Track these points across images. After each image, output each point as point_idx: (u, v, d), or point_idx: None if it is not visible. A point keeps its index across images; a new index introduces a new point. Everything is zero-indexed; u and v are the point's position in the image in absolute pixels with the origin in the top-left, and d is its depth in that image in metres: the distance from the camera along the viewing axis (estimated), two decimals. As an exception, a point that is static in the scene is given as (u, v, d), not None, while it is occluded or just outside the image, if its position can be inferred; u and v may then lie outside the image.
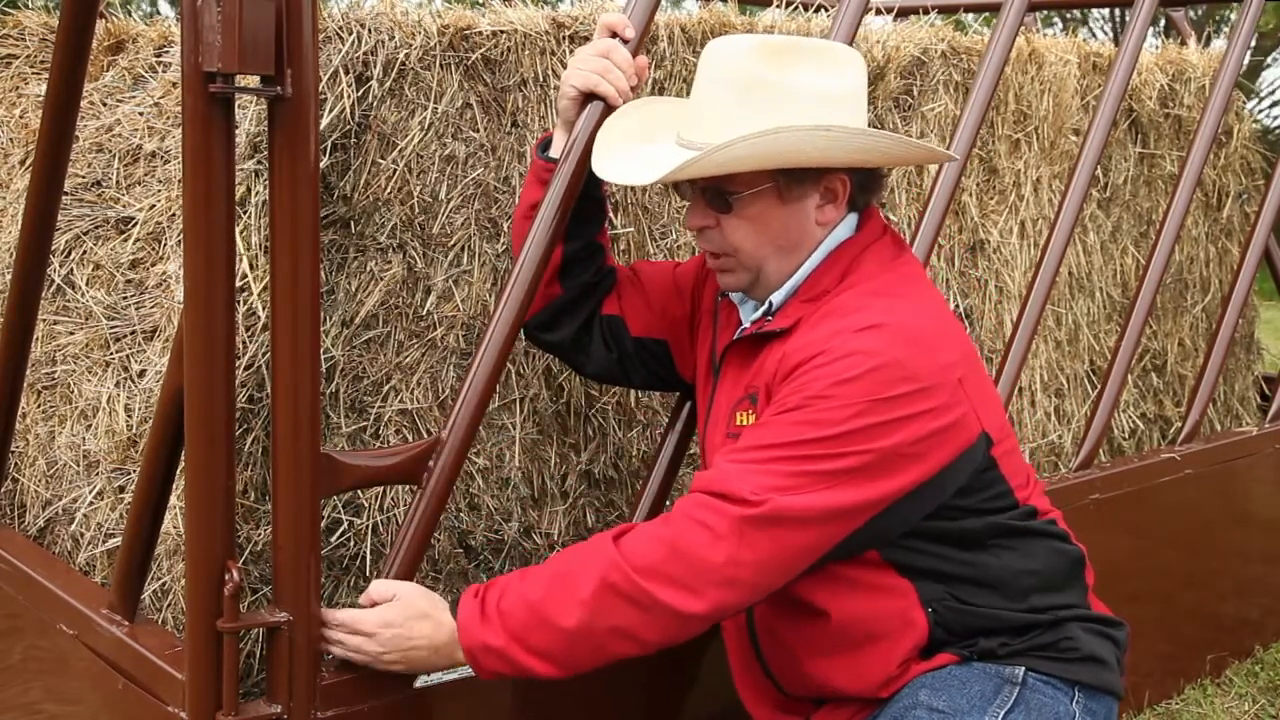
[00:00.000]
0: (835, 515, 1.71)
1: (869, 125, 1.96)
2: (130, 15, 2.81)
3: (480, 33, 2.27)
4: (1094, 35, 14.02)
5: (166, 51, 2.49)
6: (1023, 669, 1.83)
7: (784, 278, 1.90)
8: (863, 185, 1.91)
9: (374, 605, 1.80)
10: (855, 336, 1.75)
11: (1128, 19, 3.08)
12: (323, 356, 2.11)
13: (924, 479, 1.76)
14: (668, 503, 2.43)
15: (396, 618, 1.78)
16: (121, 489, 2.31)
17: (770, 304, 1.91)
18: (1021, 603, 1.86)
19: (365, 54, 2.12)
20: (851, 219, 1.93)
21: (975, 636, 1.85)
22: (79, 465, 2.40)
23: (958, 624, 1.84)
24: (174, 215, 2.26)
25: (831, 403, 1.70)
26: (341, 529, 2.20)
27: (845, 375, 1.71)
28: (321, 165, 2.02)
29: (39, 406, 2.52)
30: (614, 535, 1.73)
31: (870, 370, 1.71)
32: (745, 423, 1.87)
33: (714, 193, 1.87)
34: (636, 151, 1.93)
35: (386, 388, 2.22)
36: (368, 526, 2.22)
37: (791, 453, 1.70)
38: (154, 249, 2.30)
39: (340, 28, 2.11)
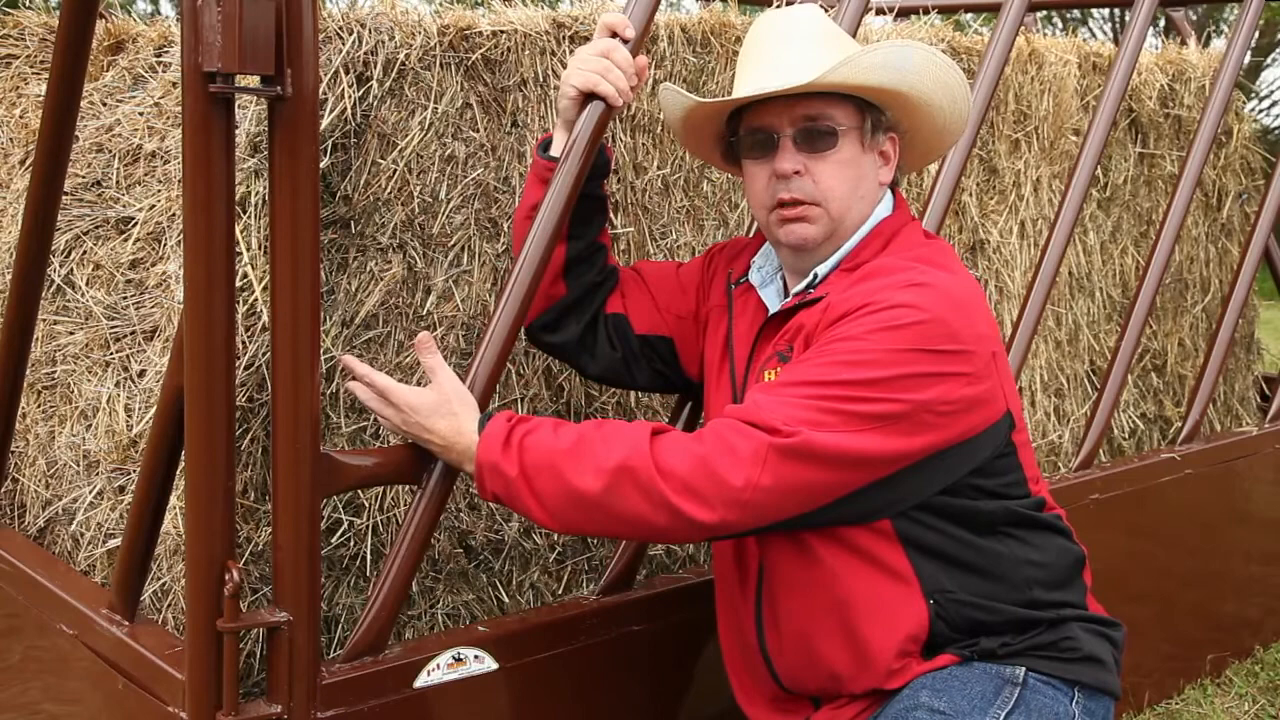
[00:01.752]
0: (859, 461, 1.72)
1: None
2: (130, 15, 2.81)
3: (480, 33, 2.27)
4: (1094, 35, 14.02)
5: (166, 51, 2.49)
6: (1023, 669, 1.84)
7: (849, 234, 1.92)
8: (899, 160, 1.98)
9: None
10: (903, 291, 1.77)
11: (1128, 19, 3.08)
12: (323, 356, 2.11)
13: (949, 443, 1.77)
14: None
15: (425, 406, 1.83)
16: (121, 489, 2.31)
17: (815, 275, 1.93)
18: (1023, 595, 1.86)
19: (365, 54, 2.12)
20: (889, 197, 1.98)
21: (977, 636, 1.85)
22: (79, 465, 2.40)
23: (959, 617, 1.84)
24: (174, 215, 2.26)
25: (873, 346, 1.72)
26: (341, 529, 2.19)
27: (890, 323, 1.73)
28: (321, 165, 2.02)
29: (39, 406, 2.52)
30: (652, 430, 1.74)
31: (915, 323, 1.73)
32: (773, 379, 1.88)
33: (814, 133, 1.88)
34: (749, 82, 1.94)
35: (386, 388, 2.22)
36: (368, 526, 2.22)
37: (828, 391, 1.71)
38: (154, 249, 2.30)
39: (340, 28, 2.11)
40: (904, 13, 3.78)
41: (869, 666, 1.85)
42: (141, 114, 2.40)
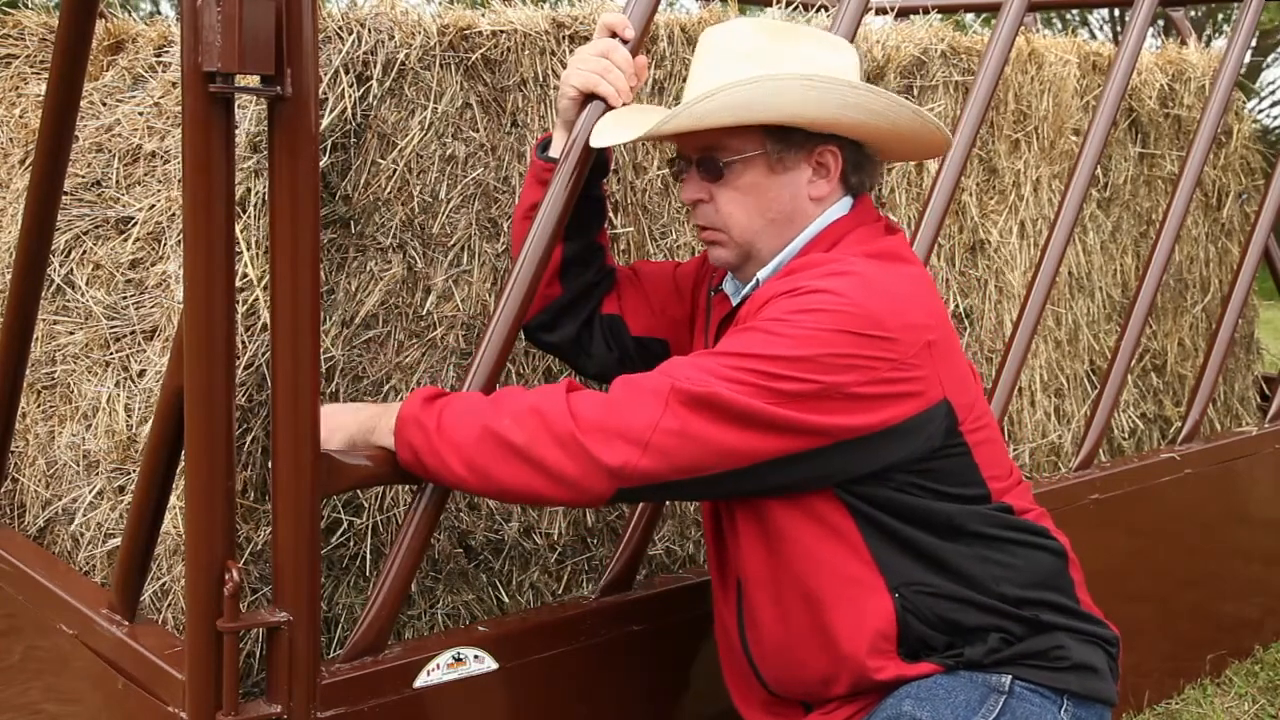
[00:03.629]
0: (767, 426, 1.71)
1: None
2: (130, 15, 2.81)
3: (480, 33, 2.27)
4: (1094, 35, 14.02)
5: (166, 51, 2.49)
6: (1009, 677, 1.82)
7: (774, 255, 1.91)
8: (856, 164, 1.92)
9: None
10: (826, 278, 1.77)
11: (1128, 19, 3.08)
12: (323, 356, 2.11)
13: (869, 429, 1.75)
14: (667, 503, 2.44)
15: (346, 409, 1.90)
16: (121, 489, 2.31)
17: (757, 281, 1.92)
18: (995, 590, 1.84)
19: (365, 54, 2.12)
20: (846, 201, 1.94)
21: (957, 639, 1.83)
22: (79, 465, 2.40)
23: (929, 612, 1.82)
24: (174, 215, 2.26)
25: (789, 327, 1.73)
26: (341, 529, 2.20)
27: (809, 306, 1.74)
28: (321, 165, 2.02)
29: (39, 406, 2.52)
30: (569, 384, 1.77)
31: (836, 309, 1.73)
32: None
33: (708, 163, 1.88)
34: (630, 120, 1.95)
35: (386, 388, 2.22)
36: (368, 526, 2.22)
37: (741, 363, 1.72)
38: (154, 249, 2.30)
39: (340, 28, 2.11)
40: (904, 13, 3.78)
41: (843, 666, 1.84)
42: (141, 114, 2.40)
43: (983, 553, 1.85)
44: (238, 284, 1.91)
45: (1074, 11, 13.08)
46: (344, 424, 1.85)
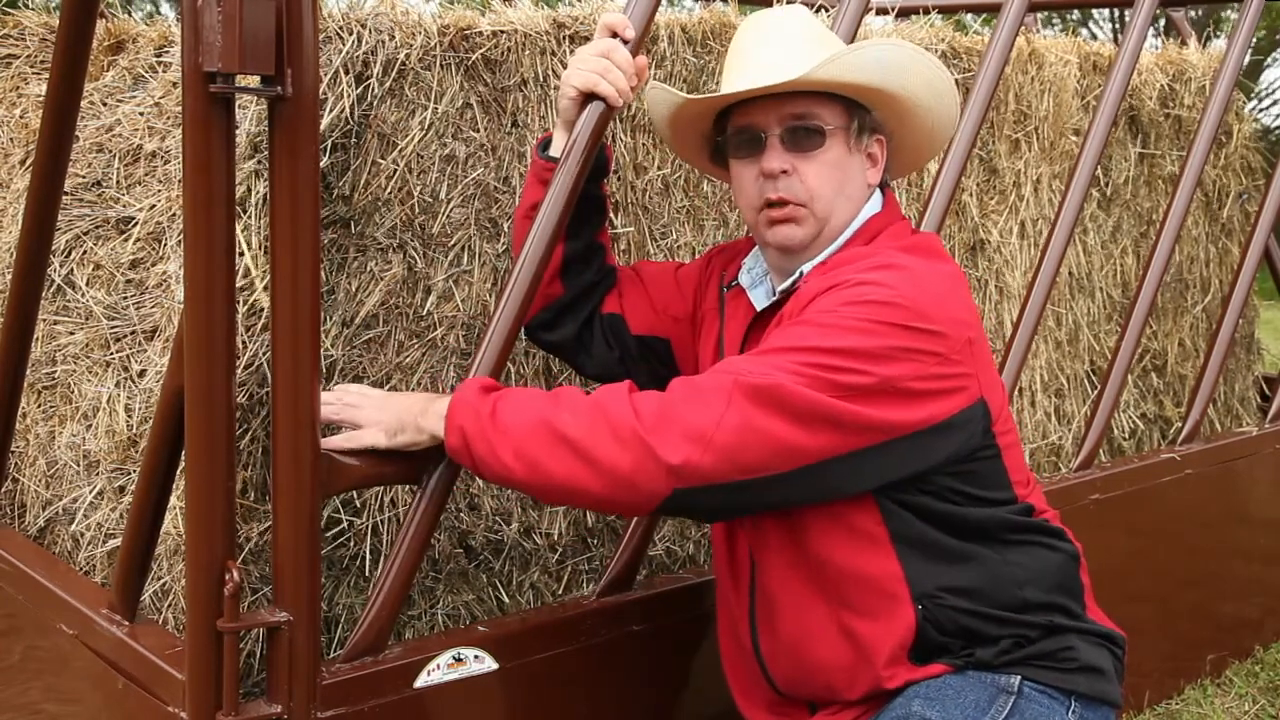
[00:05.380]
0: (827, 420, 1.70)
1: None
2: (130, 15, 2.81)
3: (480, 33, 2.27)
4: (1094, 35, 14.02)
5: (166, 51, 2.49)
6: (1018, 678, 1.82)
7: (835, 235, 1.92)
8: (887, 159, 1.99)
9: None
10: (871, 271, 1.78)
11: (1128, 19, 3.08)
12: (323, 356, 2.11)
13: (918, 425, 1.75)
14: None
15: (397, 395, 1.93)
16: (121, 489, 2.31)
17: (800, 273, 1.92)
18: (1013, 597, 1.85)
19: (365, 54, 2.12)
20: (878, 197, 1.98)
21: (970, 643, 1.84)
22: (79, 465, 2.40)
23: (949, 622, 1.82)
24: (174, 215, 2.26)
25: (842, 319, 1.73)
26: (341, 529, 2.20)
27: (859, 299, 1.74)
28: (321, 165, 2.02)
29: (39, 406, 2.52)
30: (630, 386, 1.75)
31: (883, 301, 1.73)
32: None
33: (802, 132, 1.88)
34: (736, 81, 1.93)
35: (387, 388, 2.22)
36: (368, 526, 2.22)
37: (799, 357, 1.71)
38: (154, 249, 2.30)
39: (340, 28, 2.11)
40: (904, 13, 3.78)
41: (860, 672, 1.84)
42: (141, 114, 2.40)
43: (1006, 556, 1.86)
44: (238, 284, 1.91)
45: (1074, 11, 13.09)
46: (395, 404, 1.86)
